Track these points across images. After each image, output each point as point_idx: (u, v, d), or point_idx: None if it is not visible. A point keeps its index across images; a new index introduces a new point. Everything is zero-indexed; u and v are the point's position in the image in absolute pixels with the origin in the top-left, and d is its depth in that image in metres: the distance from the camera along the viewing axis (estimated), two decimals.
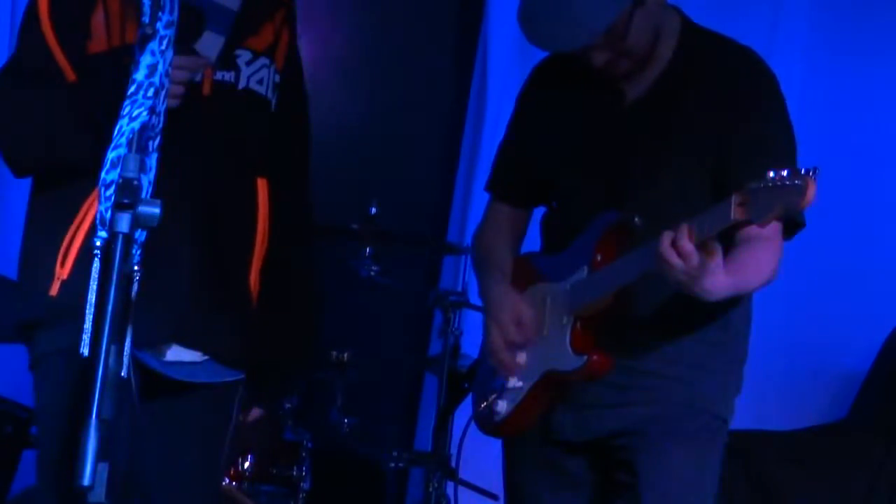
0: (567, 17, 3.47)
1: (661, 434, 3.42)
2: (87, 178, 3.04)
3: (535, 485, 3.62)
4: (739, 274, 3.33)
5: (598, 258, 3.44)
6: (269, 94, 3.16)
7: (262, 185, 3.17)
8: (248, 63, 3.11)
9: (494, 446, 3.79)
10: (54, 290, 3.11)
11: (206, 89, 3.15)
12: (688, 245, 3.20)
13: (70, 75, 3.18)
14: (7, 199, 4.55)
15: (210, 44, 3.12)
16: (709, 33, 3.57)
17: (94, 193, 3.03)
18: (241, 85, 3.09)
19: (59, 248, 3.12)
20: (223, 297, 3.05)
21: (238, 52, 3.12)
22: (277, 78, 3.22)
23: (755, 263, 3.37)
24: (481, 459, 4.32)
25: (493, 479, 4.17)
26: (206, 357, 3.09)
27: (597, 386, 3.46)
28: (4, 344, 4.11)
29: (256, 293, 3.25)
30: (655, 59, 3.53)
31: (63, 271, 3.11)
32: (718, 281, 3.24)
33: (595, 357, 3.42)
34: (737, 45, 3.55)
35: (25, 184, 3.30)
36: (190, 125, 3.03)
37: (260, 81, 3.16)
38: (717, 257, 3.21)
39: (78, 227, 3.12)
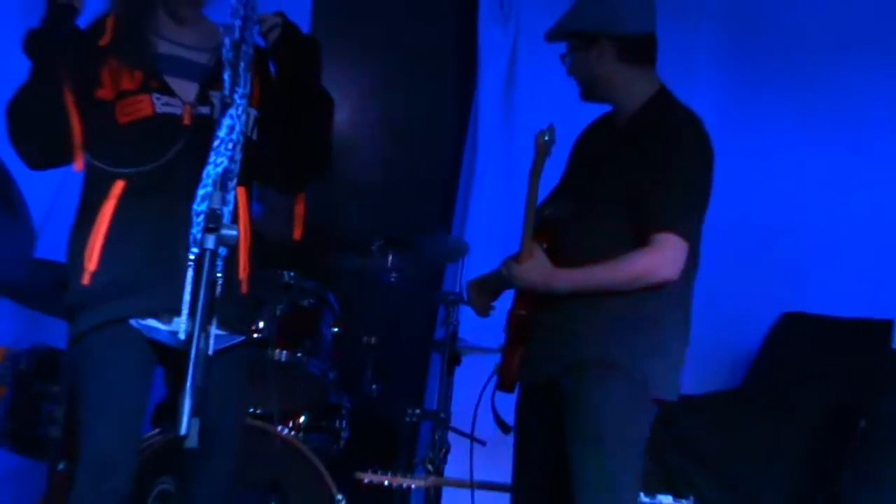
0: (559, 21, 3.64)
1: (576, 382, 3.44)
2: (102, 198, 3.12)
3: (526, 431, 3.64)
4: (586, 272, 3.44)
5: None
6: (247, 126, 3.08)
7: (240, 192, 3.10)
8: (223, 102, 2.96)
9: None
10: (86, 277, 3.11)
11: (186, 120, 3.14)
12: (509, 261, 3.55)
13: (74, 116, 3.13)
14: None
15: (187, 89, 3.17)
16: (673, 103, 3.57)
17: (107, 205, 3.12)
18: (217, 116, 2.94)
19: (85, 248, 3.11)
20: (227, 282, 2.87)
21: (213, 93, 3.08)
22: (255, 112, 3.19)
23: (613, 265, 3.40)
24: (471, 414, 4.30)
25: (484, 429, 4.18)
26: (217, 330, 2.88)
27: (536, 341, 3.55)
28: None
29: (246, 274, 3.22)
30: (625, 112, 3.58)
31: (90, 263, 3.10)
32: (536, 277, 3.48)
33: (518, 312, 3.59)
34: (685, 112, 3.54)
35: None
36: (180, 150, 3.05)
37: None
38: (524, 263, 3.48)
39: (98, 227, 3.11)
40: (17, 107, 3.11)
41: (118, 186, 3.12)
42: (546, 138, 3.54)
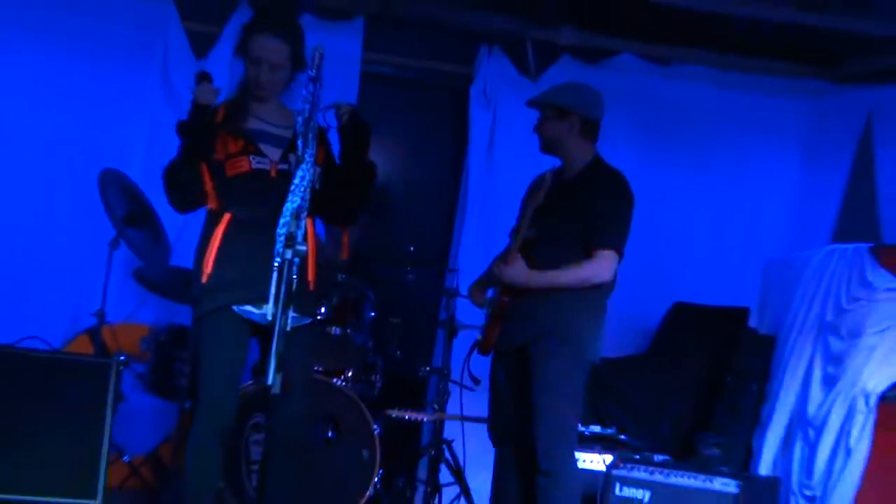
0: (540, 94, 3.61)
1: (538, 348, 3.46)
2: (216, 224, 3.13)
3: (498, 382, 3.64)
4: (552, 274, 3.44)
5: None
6: (313, 177, 2.98)
7: (309, 222, 3.07)
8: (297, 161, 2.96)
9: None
10: (205, 277, 3.13)
11: (273, 174, 3.14)
12: (497, 262, 3.53)
13: (207, 177, 3.17)
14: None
15: (274, 153, 3.18)
16: (606, 165, 3.58)
17: (219, 230, 3.12)
18: (293, 170, 2.94)
19: (204, 255, 3.14)
20: (299, 282, 2.87)
21: (290, 156, 3.06)
22: (318, 170, 3.09)
23: (569, 270, 3.43)
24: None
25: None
26: (293, 314, 2.86)
27: (512, 319, 3.53)
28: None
29: (314, 276, 3.19)
30: (572, 169, 3.57)
31: (207, 268, 3.12)
32: (518, 277, 3.44)
33: (503, 299, 3.55)
34: (613, 171, 3.56)
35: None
36: (267, 192, 3.05)
37: None
38: (510, 266, 3.44)
39: (212, 244, 3.13)
40: (172, 177, 3.15)
41: (226, 218, 3.16)
42: (546, 181, 3.55)
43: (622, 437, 4.43)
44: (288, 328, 2.80)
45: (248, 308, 3.05)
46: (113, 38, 4.90)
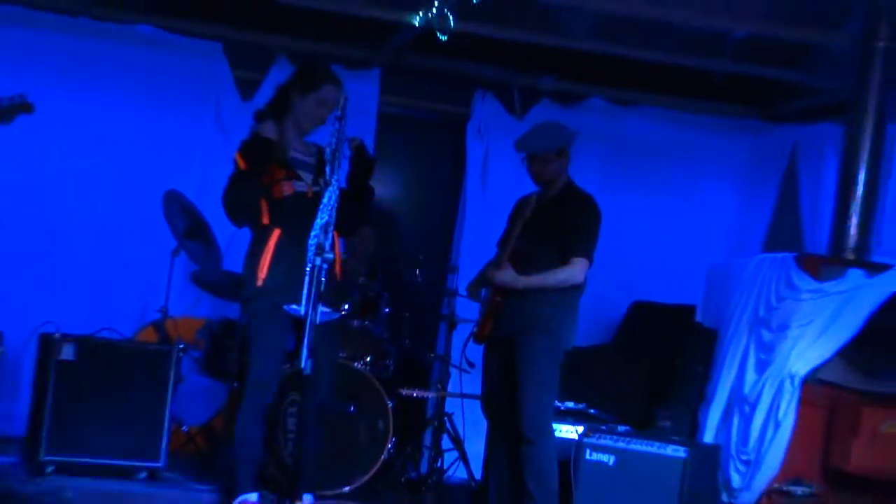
0: (531, 140, 3.50)
1: (523, 338, 3.46)
2: (268, 237, 3.13)
3: (490, 366, 3.62)
4: (535, 278, 3.42)
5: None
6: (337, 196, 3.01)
7: (335, 234, 3.00)
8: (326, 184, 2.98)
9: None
10: (260, 281, 3.13)
11: (310, 194, 3.17)
12: (491, 269, 3.51)
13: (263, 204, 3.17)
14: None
15: (307, 178, 3.20)
16: (577, 189, 3.57)
17: (271, 242, 3.13)
18: (322, 191, 2.95)
19: (258, 263, 3.15)
20: (328, 280, 2.89)
21: (320, 180, 3.08)
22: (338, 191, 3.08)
23: (549, 275, 3.43)
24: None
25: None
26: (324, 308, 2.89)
27: (503, 315, 3.51)
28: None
29: (340, 278, 3.23)
30: (555, 189, 3.56)
31: (262, 273, 3.13)
32: (508, 280, 3.42)
33: (495, 298, 3.52)
34: (585, 194, 3.58)
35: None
36: (305, 211, 3.01)
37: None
38: (502, 271, 3.42)
39: (266, 254, 3.14)
40: (232, 196, 3.17)
41: (276, 232, 3.17)
42: (531, 201, 3.58)
43: (592, 411, 4.39)
44: (318, 321, 2.81)
45: (295, 307, 3.03)
46: (176, 86, 4.94)
